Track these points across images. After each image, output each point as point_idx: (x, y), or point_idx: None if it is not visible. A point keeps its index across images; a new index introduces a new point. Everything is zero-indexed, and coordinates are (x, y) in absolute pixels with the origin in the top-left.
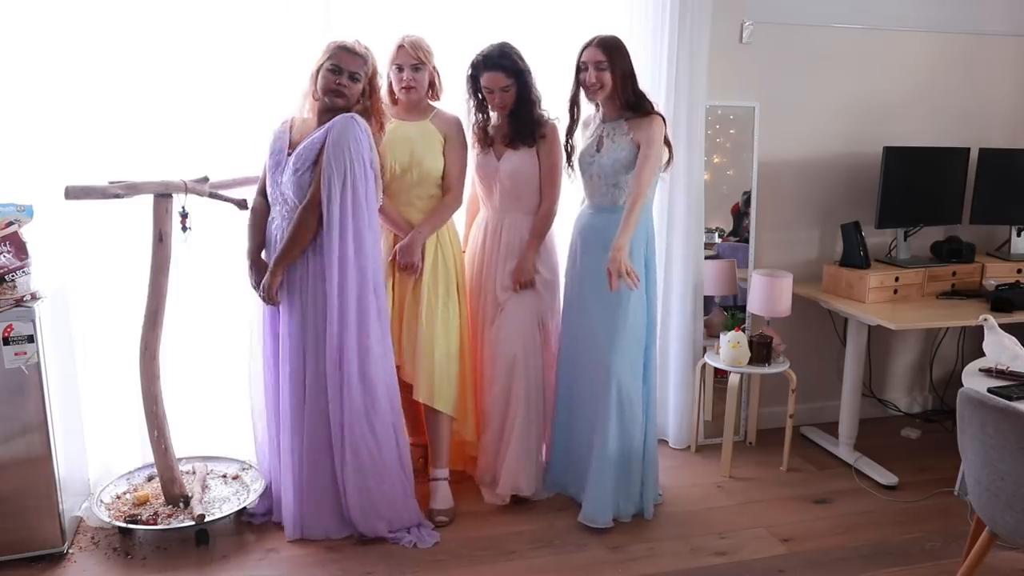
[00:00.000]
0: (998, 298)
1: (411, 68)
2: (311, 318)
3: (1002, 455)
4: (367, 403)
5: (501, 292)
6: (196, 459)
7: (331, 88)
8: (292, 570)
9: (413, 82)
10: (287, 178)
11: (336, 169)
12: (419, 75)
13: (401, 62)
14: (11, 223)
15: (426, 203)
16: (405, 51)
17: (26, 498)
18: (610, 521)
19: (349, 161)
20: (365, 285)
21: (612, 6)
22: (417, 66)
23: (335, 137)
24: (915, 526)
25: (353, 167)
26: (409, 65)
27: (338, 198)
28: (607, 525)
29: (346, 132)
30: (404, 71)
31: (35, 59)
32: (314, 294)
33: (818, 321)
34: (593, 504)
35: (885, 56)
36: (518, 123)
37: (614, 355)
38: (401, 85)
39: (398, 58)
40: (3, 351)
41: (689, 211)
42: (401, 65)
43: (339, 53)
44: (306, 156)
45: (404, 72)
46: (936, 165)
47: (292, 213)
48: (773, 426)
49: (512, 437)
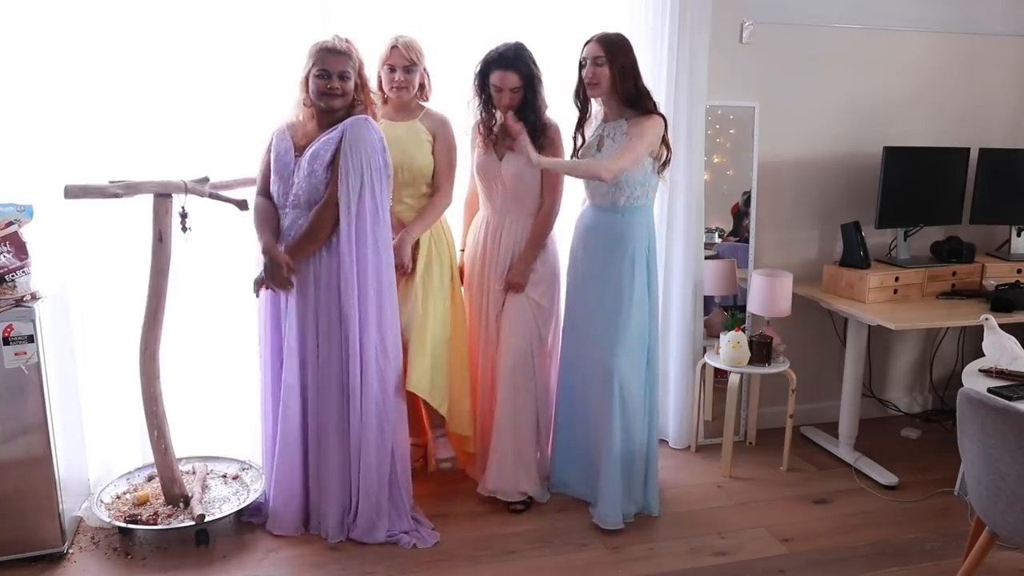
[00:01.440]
0: (998, 298)
1: (403, 70)
2: (323, 317)
3: (1002, 455)
4: (381, 404)
5: (500, 295)
6: (196, 459)
7: (324, 92)
8: (292, 570)
9: (405, 83)
10: (300, 179)
11: (354, 169)
12: (411, 76)
13: (394, 63)
14: (11, 223)
15: (417, 202)
16: (399, 52)
17: (26, 498)
18: (620, 523)
19: (366, 162)
20: (382, 284)
21: (612, 6)
22: (409, 67)
23: (352, 139)
24: (915, 526)
25: (370, 168)
26: (402, 67)
27: (356, 198)
28: (617, 526)
29: (362, 134)
30: (396, 72)
31: (35, 59)
32: (327, 292)
33: (818, 321)
34: (605, 505)
35: (885, 56)
36: (522, 122)
37: (615, 355)
38: (392, 85)
39: (391, 59)
40: (3, 351)
41: (689, 211)
42: (394, 66)
43: (323, 57)
44: (321, 157)
45: (396, 73)
46: (936, 165)
47: (303, 211)
48: (773, 426)
49: (511, 440)
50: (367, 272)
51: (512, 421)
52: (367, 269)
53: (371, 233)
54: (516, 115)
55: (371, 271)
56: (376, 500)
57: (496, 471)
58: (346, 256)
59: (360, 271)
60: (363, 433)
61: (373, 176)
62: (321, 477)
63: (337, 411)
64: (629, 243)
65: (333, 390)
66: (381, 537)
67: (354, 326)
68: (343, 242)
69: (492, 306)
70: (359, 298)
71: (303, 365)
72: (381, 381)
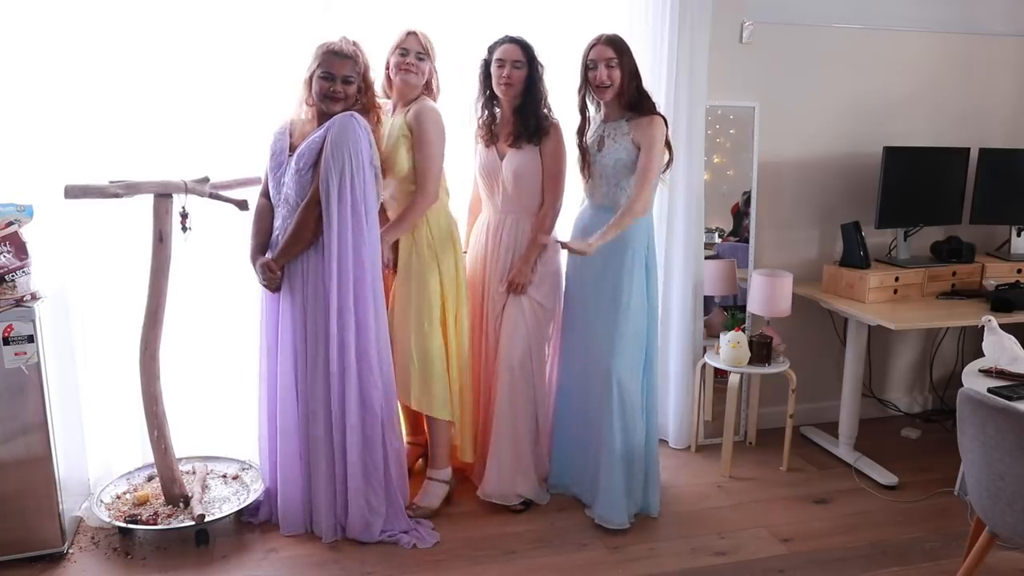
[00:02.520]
0: (998, 298)
1: (416, 55)
2: (310, 315)
3: (1002, 455)
4: (369, 402)
5: (499, 295)
6: (196, 459)
7: (327, 95)
8: (292, 570)
9: (414, 68)
10: (289, 178)
11: (334, 167)
12: (422, 64)
13: (408, 46)
14: (11, 223)
15: (402, 203)
16: (415, 37)
17: (26, 498)
18: (625, 522)
19: (348, 159)
20: (364, 283)
21: (612, 6)
22: (422, 55)
23: (334, 136)
24: (915, 526)
25: (352, 165)
26: (415, 51)
27: (336, 196)
28: (623, 526)
29: (345, 131)
30: (408, 55)
31: (35, 59)
32: (315, 291)
33: (818, 321)
34: (606, 505)
35: (885, 56)
36: (523, 118)
37: (614, 356)
38: (401, 67)
39: (406, 42)
40: (3, 351)
41: (689, 211)
42: (407, 49)
43: (329, 59)
44: (307, 156)
45: (408, 56)
46: (936, 165)
47: (292, 213)
48: (773, 426)
49: (510, 445)
50: (351, 270)
51: (510, 425)
52: (352, 267)
53: (353, 230)
54: (517, 109)
55: (356, 269)
56: (365, 499)
57: (494, 475)
58: (327, 254)
59: (343, 269)
60: (347, 432)
61: (355, 172)
62: (312, 475)
63: (324, 409)
64: (629, 243)
65: (320, 389)
66: (376, 536)
67: (332, 325)
68: (324, 240)
69: (492, 308)
70: (338, 295)
71: (295, 363)
72: (367, 379)
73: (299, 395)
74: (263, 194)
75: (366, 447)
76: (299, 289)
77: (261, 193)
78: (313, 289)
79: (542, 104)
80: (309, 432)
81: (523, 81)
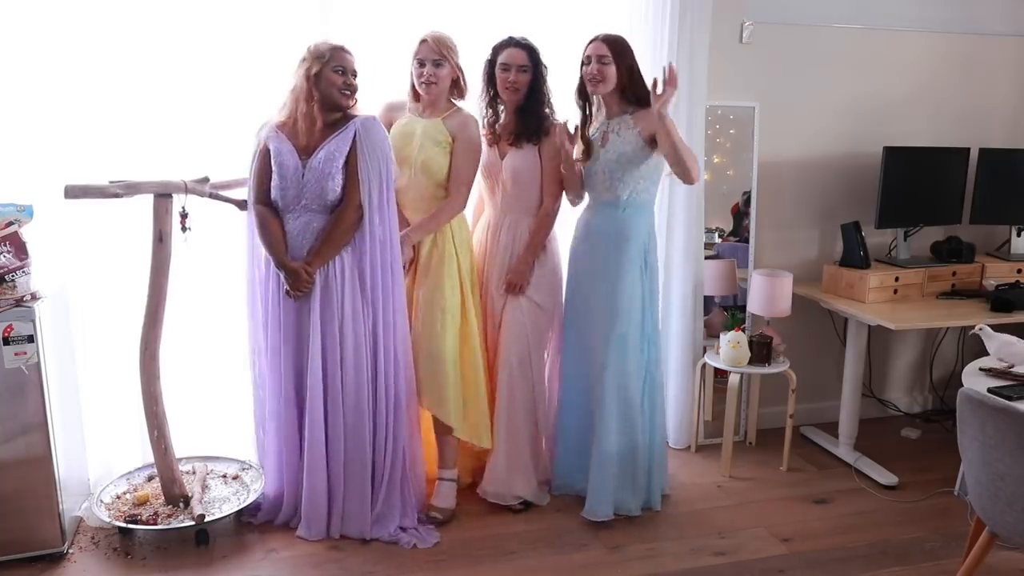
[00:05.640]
0: (998, 298)
1: (432, 63)
2: (348, 317)
3: (1002, 455)
4: (396, 403)
5: (498, 296)
6: (196, 459)
7: (342, 88)
8: (292, 570)
9: (433, 77)
10: (311, 179)
11: (373, 171)
12: (440, 71)
13: (423, 57)
14: (11, 223)
15: (426, 204)
16: (428, 46)
17: (26, 498)
18: (610, 513)
19: (382, 163)
20: (398, 286)
21: (612, 6)
22: (439, 62)
23: (369, 141)
24: (915, 526)
25: (386, 169)
26: (431, 60)
27: (378, 199)
28: (607, 517)
29: (378, 134)
30: (425, 66)
31: (35, 59)
32: (352, 292)
33: (818, 321)
34: (594, 498)
35: (885, 56)
36: (525, 117)
37: (614, 354)
38: (421, 80)
39: (419, 53)
40: (3, 351)
41: (689, 211)
42: (423, 60)
43: (339, 54)
44: (336, 157)
45: (425, 67)
46: (936, 165)
47: (315, 213)
48: (773, 426)
49: (508, 445)
50: (391, 269)
51: (509, 426)
52: (391, 265)
53: (391, 233)
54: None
55: (391, 272)
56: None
57: (493, 475)
58: (369, 256)
59: (384, 272)
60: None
61: (388, 175)
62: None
63: (354, 409)
64: (630, 241)
65: (351, 388)
66: (371, 533)
67: (376, 326)
68: (367, 243)
69: (492, 307)
70: (383, 298)
71: (324, 367)
72: (398, 377)
73: (327, 394)
74: (259, 201)
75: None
76: (334, 291)
77: (256, 200)
78: (351, 289)
79: (545, 105)
80: (344, 432)
81: (528, 84)
